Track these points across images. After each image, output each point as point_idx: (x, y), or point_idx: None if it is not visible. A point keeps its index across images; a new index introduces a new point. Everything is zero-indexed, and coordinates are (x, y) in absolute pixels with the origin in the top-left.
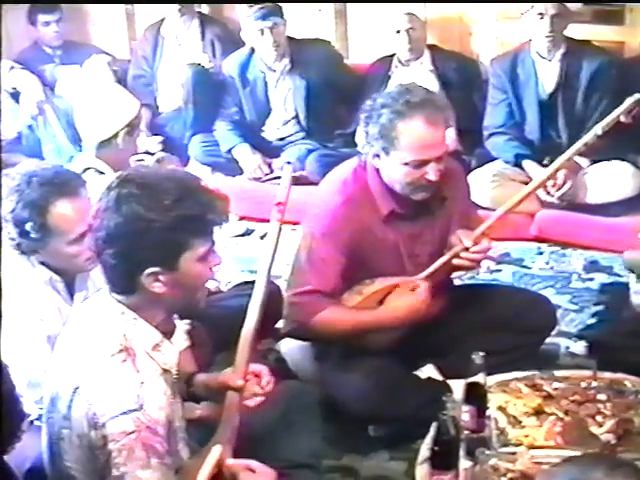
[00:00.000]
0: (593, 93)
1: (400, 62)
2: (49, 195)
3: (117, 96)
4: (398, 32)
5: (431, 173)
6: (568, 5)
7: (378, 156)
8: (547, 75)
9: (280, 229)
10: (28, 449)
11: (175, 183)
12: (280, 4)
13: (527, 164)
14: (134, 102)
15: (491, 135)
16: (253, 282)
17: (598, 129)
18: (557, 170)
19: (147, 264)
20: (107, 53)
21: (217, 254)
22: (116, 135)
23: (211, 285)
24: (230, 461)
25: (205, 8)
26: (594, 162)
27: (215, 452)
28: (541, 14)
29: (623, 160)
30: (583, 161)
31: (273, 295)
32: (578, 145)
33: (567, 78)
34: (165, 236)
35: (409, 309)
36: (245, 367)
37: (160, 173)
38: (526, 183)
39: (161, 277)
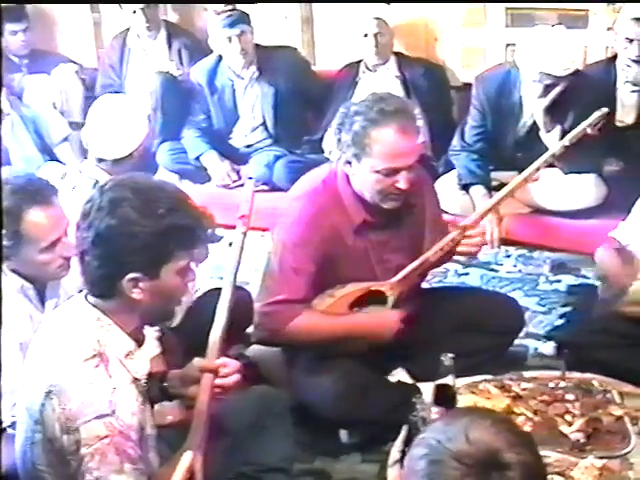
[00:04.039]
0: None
1: (367, 68)
2: (22, 203)
3: (137, 112)
4: (365, 36)
5: (401, 182)
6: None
7: (349, 163)
8: (531, 113)
9: (244, 240)
10: (2, 455)
11: (167, 193)
12: (247, 12)
13: (473, 190)
14: (145, 119)
15: (459, 151)
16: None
17: (566, 141)
18: (531, 175)
19: (130, 269)
20: (75, 62)
21: (194, 271)
22: (132, 153)
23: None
24: None
25: (173, 16)
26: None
27: (186, 458)
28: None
29: (588, 171)
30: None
31: (243, 301)
32: (547, 155)
33: (553, 116)
34: (153, 243)
35: (379, 326)
36: (217, 354)
37: (152, 182)
38: (495, 188)
39: (141, 284)
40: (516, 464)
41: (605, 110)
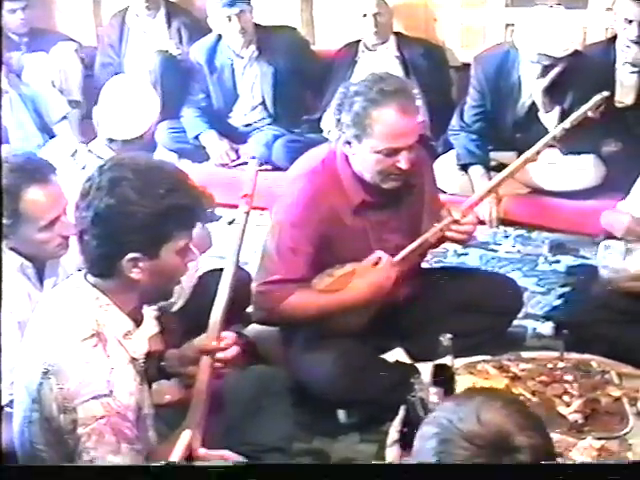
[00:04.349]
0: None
1: (366, 47)
2: (20, 181)
3: (147, 94)
4: (365, 16)
5: (402, 161)
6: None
7: (349, 143)
8: (530, 94)
9: (247, 219)
10: (0, 434)
11: (167, 173)
12: None
13: (472, 170)
14: (158, 100)
15: (458, 131)
16: (222, 269)
17: (566, 123)
18: (530, 158)
19: (129, 249)
20: (74, 40)
21: (193, 251)
22: (142, 134)
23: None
24: (202, 451)
25: None
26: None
27: (185, 437)
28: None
29: (587, 152)
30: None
31: (243, 282)
32: (547, 138)
33: (552, 96)
34: (152, 223)
35: (372, 286)
36: (217, 333)
37: (152, 162)
38: (494, 169)
39: (140, 263)
40: (526, 447)
41: (606, 93)
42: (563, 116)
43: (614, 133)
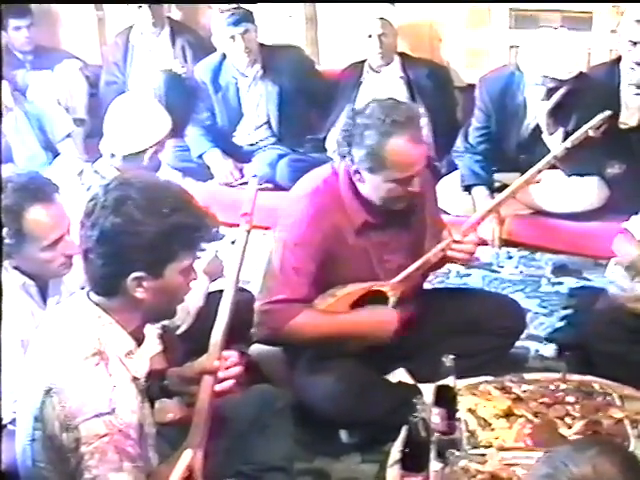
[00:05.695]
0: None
1: (371, 68)
2: (24, 201)
3: (154, 111)
4: (370, 37)
5: (414, 186)
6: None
7: (359, 173)
8: (534, 116)
9: (247, 238)
10: (2, 452)
11: (172, 193)
12: (251, 10)
13: (476, 191)
14: (167, 119)
15: (463, 152)
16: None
17: (568, 143)
18: (532, 177)
19: (134, 268)
20: (79, 58)
21: (195, 270)
22: (144, 151)
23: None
24: None
25: (177, 13)
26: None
27: (186, 456)
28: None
29: (591, 174)
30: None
31: (246, 302)
32: (548, 157)
33: (556, 118)
34: (157, 243)
35: (378, 324)
36: (219, 352)
37: (157, 181)
38: (498, 190)
39: (145, 283)
40: None
41: (608, 113)
42: (567, 138)
43: (618, 155)
